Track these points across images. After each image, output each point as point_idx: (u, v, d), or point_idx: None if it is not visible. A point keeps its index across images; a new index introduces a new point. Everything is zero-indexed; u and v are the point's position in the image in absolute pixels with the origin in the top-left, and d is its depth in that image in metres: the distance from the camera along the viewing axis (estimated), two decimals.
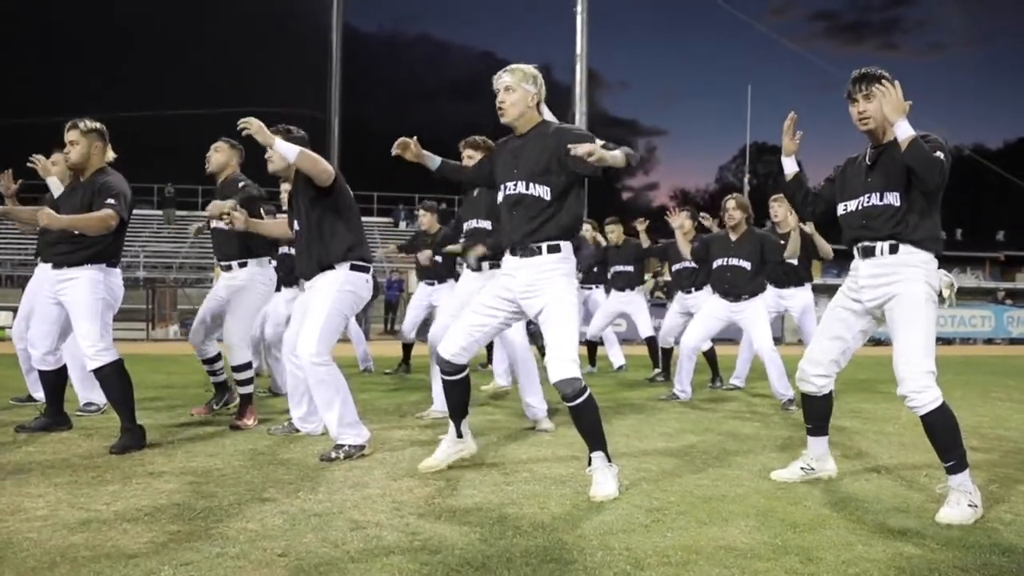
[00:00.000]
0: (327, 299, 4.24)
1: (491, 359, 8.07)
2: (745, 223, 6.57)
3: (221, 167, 5.31)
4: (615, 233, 8.88)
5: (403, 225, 30.86)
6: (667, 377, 8.16)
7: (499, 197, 3.85)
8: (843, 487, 3.74)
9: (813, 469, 3.83)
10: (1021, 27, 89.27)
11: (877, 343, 12.18)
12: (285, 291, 6.71)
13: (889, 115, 3.22)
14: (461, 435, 3.98)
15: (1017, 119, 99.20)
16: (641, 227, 8.40)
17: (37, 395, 5.93)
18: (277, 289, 5.87)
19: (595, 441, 3.58)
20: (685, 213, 7.16)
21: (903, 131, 3.19)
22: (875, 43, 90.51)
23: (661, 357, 8.59)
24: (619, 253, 8.79)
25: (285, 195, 5.02)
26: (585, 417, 3.58)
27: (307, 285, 4.49)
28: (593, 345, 9.27)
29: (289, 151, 4.10)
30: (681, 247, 7.01)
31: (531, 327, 5.05)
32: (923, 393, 3.24)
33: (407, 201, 31.25)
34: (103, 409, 5.52)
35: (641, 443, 4.82)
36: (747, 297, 6.53)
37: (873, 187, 3.40)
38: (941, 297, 3.35)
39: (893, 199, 3.34)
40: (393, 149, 3.94)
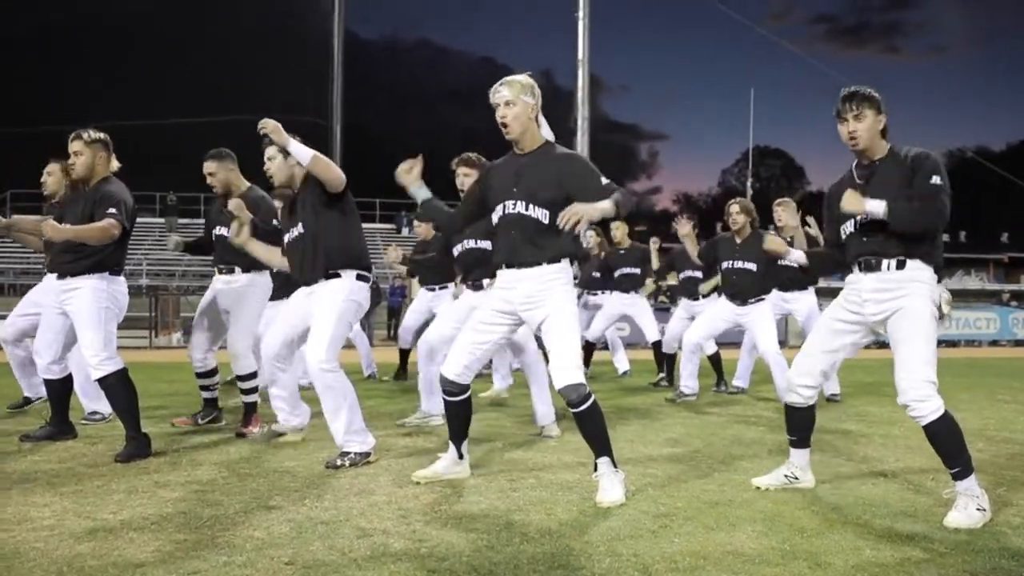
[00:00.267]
0: (334, 307, 4.23)
1: (489, 364, 8.04)
2: (749, 226, 6.63)
3: (225, 184, 5.16)
4: (620, 230, 8.82)
5: (406, 232, 30.88)
6: (671, 382, 8.15)
7: (495, 216, 3.73)
8: (850, 491, 3.73)
9: (797, 478, 3.77)
10: (1022, 28, 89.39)
11: (882, 346, 12.14)
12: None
13: (855, 210, 3.28)
14: (462, 456, 3.93)
15: (1020, 120, 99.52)
16: (654, 247, 8.52)
17: (29, 393, 5.93)
18: (277, 297, 5.65)
19: (601, 447, 3.57)
20: (691, 223, 7.25)
21: (875, 211, 3.24)
22: (876, 46, 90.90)
23: (666, 362, 8.58)
24: (625, 256, 8.76)
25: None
26: (590, 423, 3.57)
27: (306, 291, 4.41)
28: (591, 348, 9.19)
29: (304, 154, 4.10)
30: (690, 252, 7.06)
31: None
32: (925, 403, 3.23)
33: (410, 208, 31.13)
34: (108, 418, 5.53)
35: (647, 448, 4.81)
36: (753, 300, 6.54)
37: None
38: (940, 312, 3.33)
39: None
40: (401, 166, 3.87)
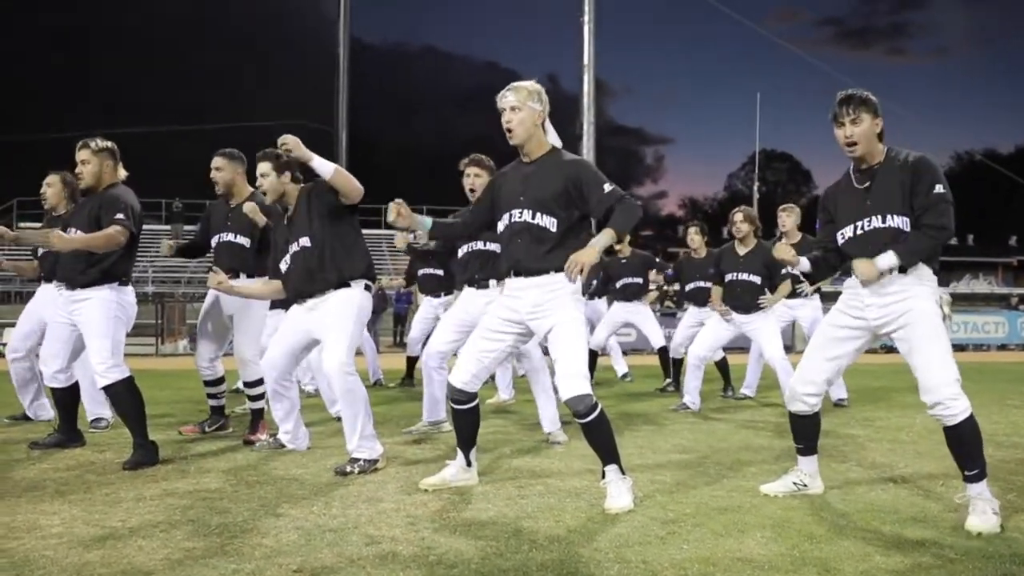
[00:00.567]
0: (348, 315, 4.28)
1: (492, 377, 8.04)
2: (753, 236, 6.64)
3: (228, 184, 5.23)
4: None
5: (411, 238, 30.89)
6: (678, 387, 8.12)
7: (500, 225, 3.71)
8: (859, 497, 3.71)
9: (806, 485, 3.73)
10: None
11: (889, 350, 12.09)
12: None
13: (872, 278, 3.30)
14: (470, 464, 3.93)
15: None
16: (658, 277, 9.07)
17: (30, 413, 5.94)
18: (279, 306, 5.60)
19: (608, 455, 3.56)
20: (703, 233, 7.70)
21: (888, 266, 3.26)
22: (882, 48, 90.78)
23: (672, 367, 8.56)
24: (626, 266, 8.71)
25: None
26: (597, 433, 3.54)
27: (306, 307, 4.38)
28: (594, 356, 9.13)
29: (326, 168, 4.15)
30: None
31: None
32: (957, 401, 3.20)
33: (415, 213, 31.23)
34: (111, 423, 5.54)
35: (654, 455, 4.80)
36: (756, 310, 6.55)
37: (873, 210, 3.35)
38: (943, 313, 3.33)
39: (900, 223, 3.30)
40: (389, 218, 3.86)
